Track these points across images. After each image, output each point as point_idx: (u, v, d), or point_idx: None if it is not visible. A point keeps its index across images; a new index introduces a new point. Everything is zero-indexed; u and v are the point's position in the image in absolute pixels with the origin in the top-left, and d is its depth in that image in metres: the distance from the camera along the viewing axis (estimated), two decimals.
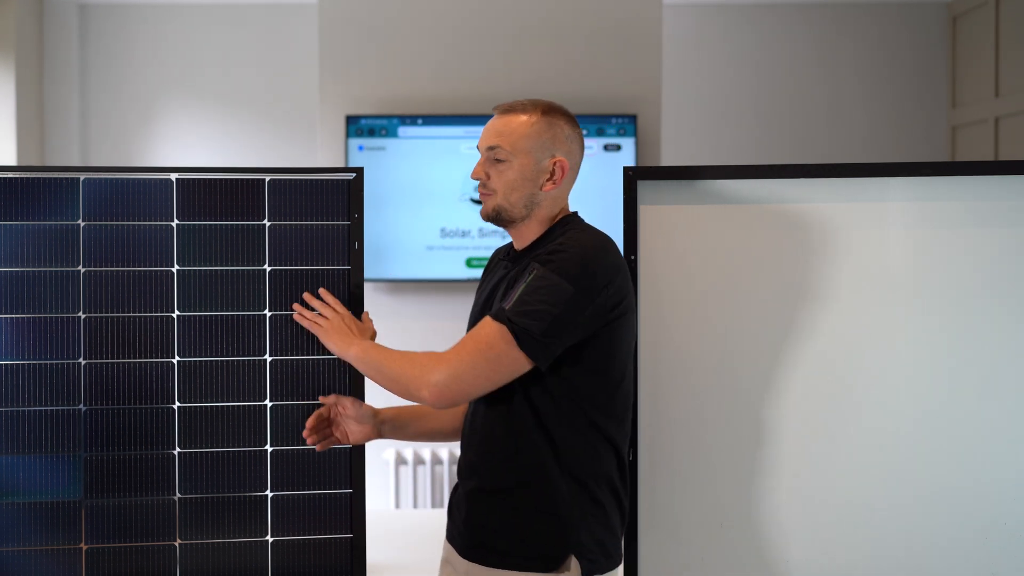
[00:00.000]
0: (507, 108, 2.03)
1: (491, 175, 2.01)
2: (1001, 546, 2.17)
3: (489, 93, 4.69)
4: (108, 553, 2.11)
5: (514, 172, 1.99)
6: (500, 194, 2.00)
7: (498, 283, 2.05)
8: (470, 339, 1.90)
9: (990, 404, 2.17)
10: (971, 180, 2.19)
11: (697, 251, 2.21)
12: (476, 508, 1.99)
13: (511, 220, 2.02)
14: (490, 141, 2.01)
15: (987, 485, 2.17)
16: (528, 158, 1.99)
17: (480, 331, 1.89)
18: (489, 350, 1.87)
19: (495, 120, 2.03)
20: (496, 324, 1.88)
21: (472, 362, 1.87)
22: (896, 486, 2.18)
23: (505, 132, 2.00)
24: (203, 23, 5.53)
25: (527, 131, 1.99)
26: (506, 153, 1.99)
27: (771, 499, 2.20)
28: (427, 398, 1.89)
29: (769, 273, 2.20)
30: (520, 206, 2.00)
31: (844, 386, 2.20)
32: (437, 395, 1.88)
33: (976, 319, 2.17)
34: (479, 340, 1.88)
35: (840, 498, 2.19)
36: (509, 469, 1.96)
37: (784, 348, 2.20)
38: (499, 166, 2.00)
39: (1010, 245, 2.17)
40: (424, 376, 1.88)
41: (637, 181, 2.20)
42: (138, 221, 2.13)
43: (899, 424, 2.18)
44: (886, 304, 2.19)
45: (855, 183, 2.20)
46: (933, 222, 2.19)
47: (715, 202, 2.22)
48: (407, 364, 1.92)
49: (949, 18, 5.47)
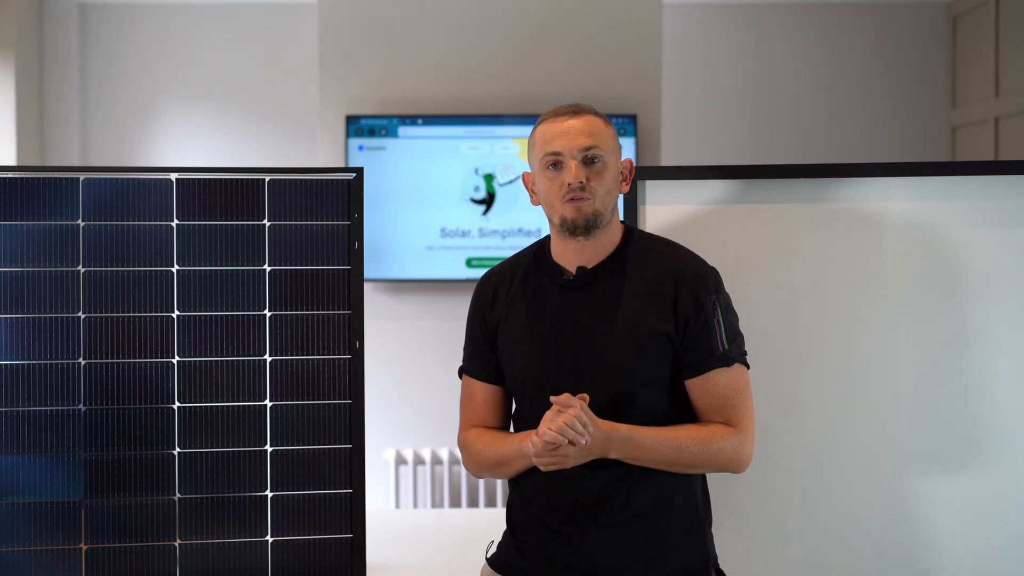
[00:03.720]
0: (576, 109, 1.92)
1: (590, 178, 1.89)
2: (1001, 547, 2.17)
3: (489, 93, 4.69)
4: (108, 553, 2.11)
5: (611, 174, 1.91)
6: (599, 197, 1.89)
7: (580, 306, 1.92)
8: (739, 398, 1.92)
9: (991, 404, 2.17)
10: (971, 180, 2.19)
11: (697, 251, 2.20)
12: (617, 540, 1.90)
13: (602, 224, 1.91)
14: (585, 141, 1.88)
15: (987, 486, 2.17)
16: (615, 159, 1.93)
17: (739, 385, 1.92)
18: (748, 390, 1.95)
19: (576, 121, 1.90)
20: (735, 368, 1.92)
21: (752, 410, 1.95)
22: (896, 486, 2.18)
23: (596, 132, 1.90)
24: (203, 23, 5.53)
25: (609, 132, 1.92)
26: (602, 152, 1.89)
27: (772, 499, 2.20)
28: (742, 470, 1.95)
29: (769, 273, 2.20)
30: (610, 209, 1.92)
31: (844, 385, 2.20)
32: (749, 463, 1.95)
33: (976, 319, 2.17)
34: (742, 392, 1.93)
35: (840, 497, 2.19)
36: (655, 493, 1.91)
37: (784, 347, 2.20)
38: (595, 167, 1.89)
39: (1010, 245, 2.17)
40: (744, 456, 1.92)
41: (637, 181, 2.20)
42: (138, 221, 2.13)
43: (899, 424, 2.18)
44: (886, 304, 2.19)
45: (855, 183, 2.20)
46: (933, 222, 2.19)
47: (715, 202, 2.22)
48: (717, 455, 1.89)
49: (949, 18, 5.47)
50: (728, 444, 1.89)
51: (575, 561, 1.91)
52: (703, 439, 1.88)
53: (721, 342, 1.90)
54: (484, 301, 2.02)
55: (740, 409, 1.91)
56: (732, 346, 1.91)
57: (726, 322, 1.91)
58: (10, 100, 5.16)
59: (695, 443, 1.87)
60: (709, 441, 1.88)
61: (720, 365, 1.90)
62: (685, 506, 1.92)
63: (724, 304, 1.92)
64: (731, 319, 1.93)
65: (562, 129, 1.90)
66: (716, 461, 1.89)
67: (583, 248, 1.93)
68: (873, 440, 2.19)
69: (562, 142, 1.89)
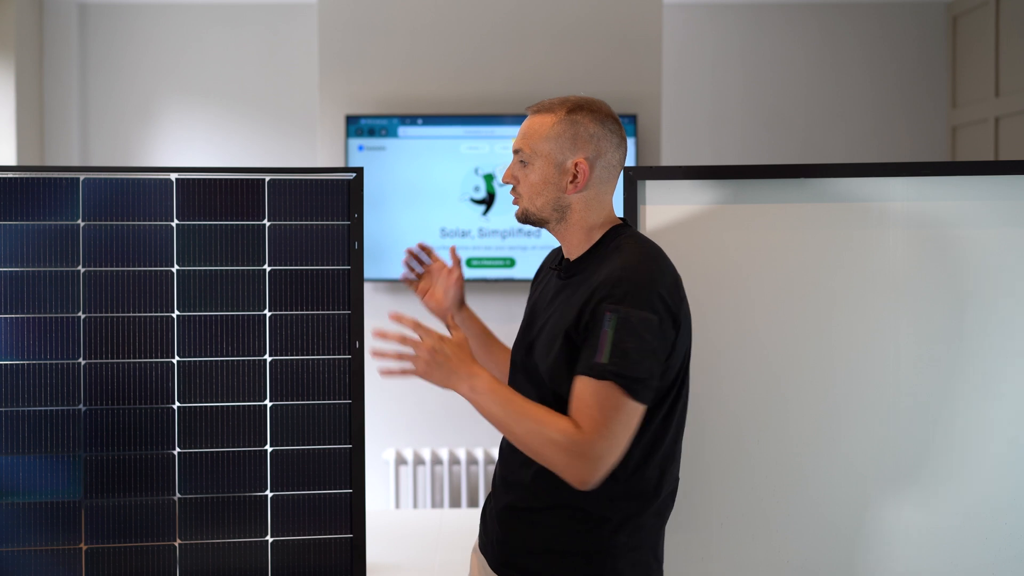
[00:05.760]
0: (537, 108, 1.95)
1: (519, 178, 1.94)
2: (1001, 547, 2.17)
3: (489, 93, 4.69)
4: (108, 553, 2.10)
5: (536, 175, 1.92)
6: (526, 198, 1.94)
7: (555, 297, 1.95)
8: (593, 410, 1.77)
9: (992, 404, 2.17)
10: (971, 180, 2.19)
11: (697, 251, 2.21)
12: (511, 525, 1.93)
13: (543, 222, 1.95)
14: (515, 143, 1.95)
15: (989, 486, 2.17)
16: (548, 161, 1.91)
17: (595, 398, 1.77)
18: (616, 413, 1.76)
19: (525, 121, 1.96)
20: (603, 384, 1.77)
21: (611, 434, 1.76)
22: (896, 487, 2.18)
23: (528, 134, 1.93)
24: (203, 23, 5.53)
25: (547, 132, 1.91)
26: (527, 156, 1.93)
27: (772, 499, 2.20)
28: (577, 485, 1.79)
29: (769, 273, 2.20)
30: (548, 209, 1.93)
31: (844, 385, 2.20)
32: (587, 484, 1.78)
33: (976, 319, 2.17)
34: (602, 407, 1.76)
35: (841, 497, 2.19)
36: (549, 489, 1.87)
37: (785, 347, 2.20)
38: (524, 169, 1.94)
39: (1010, 245, 2.17)
40: (572, 470, 1.76)
41: (637, 181, 2.20)
42: (138, 221, 2.13)
43: (899, 424, 2.18)
44: (886, 304, 2.19)
45: (855, 183, 2.20)
46: (933, 222, 2.19)
47: (715, 202, 2.22)
48: (547, 446, 1.78)
49: (949, 18, 5.47)
50: (563, 439, 1.76)
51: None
52: (544, 420, 1.79)
53: (600, 353, 1.77)
54: (536, 274, 2.12)
55: (590, 420, 1.76)
56: (611, 362, 1.76)
57: (616, 337, 1.77)
58: (10, 100, 5.16)
59: (535, 420, 1.79)
60: (547, 424, 1.79)
61: (587, 374, 1.78)
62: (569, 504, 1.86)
63: (623, 319, 1.77)
64: (627, 338, 1.77)
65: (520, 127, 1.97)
66: (545, 450, 1.78)
67: (560, 240, 1.98)
68: (872, 440, 2.19)
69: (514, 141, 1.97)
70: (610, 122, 1.93)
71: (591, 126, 1.91)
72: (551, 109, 1.92)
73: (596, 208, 1.94)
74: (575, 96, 1.95)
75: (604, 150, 1.92)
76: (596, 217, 1.94)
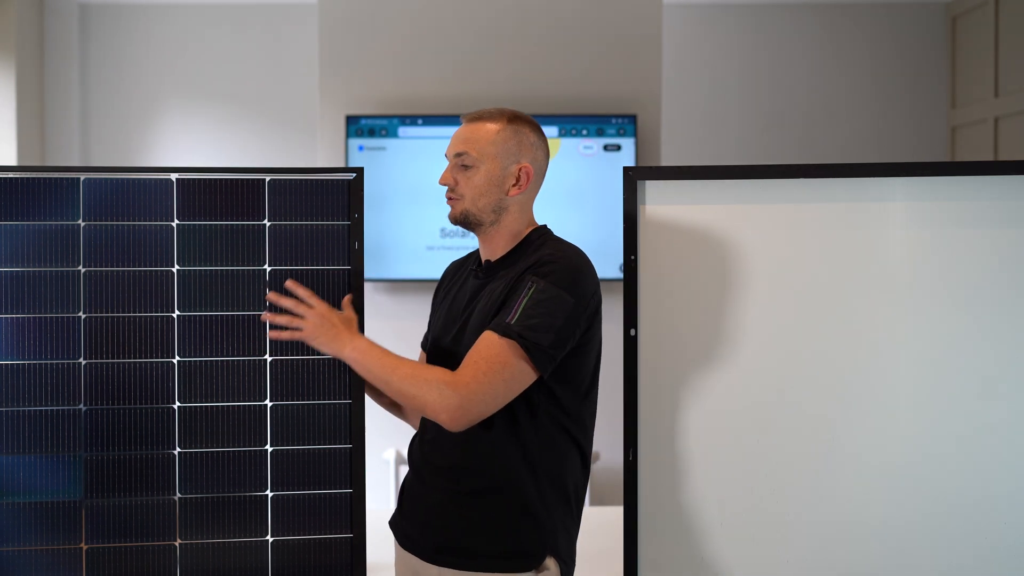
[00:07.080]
0: (475, 116, 2.09)
1: (459, 181, 2.07)
2: (1001, 546, 2.17)
3: (489, 93, 4.69)
4: (108, 553, 2.11)
5: (481, 177, 2.05)
6: (468, 199, 2.06)
7: (476, 295, 2.08)
8: (481, 359, 1.90)
9: (991, 404, 2.17)
10: (971, 180, 2.19)
11: (697, 251, 2.21)
12: (450, 511, 2.03)
13: (479, 224, 2.08)
14: (458, 148, 2.07)
15: (989, 486, 2.17)
16: (495, 164, 2.05)
17: (490, 349, 1.91)
18: (504, 369, 1.89)
19: (463, 128, 2.09)
20: (504, 340, 1.90)
21: (489, 383, 1.89)
22: (897, 487, 2.18)
23: (472, 139, 2.06)
24: (203, 23, 5.53)
25: (493, 138, 2.06)
26: (473, 159, 2.05)
27: (772, 499, 2.20)
28: (445, 422, 1.91)
29: (769, 273, 2.20)
30: (488, 211, 2.06)
31: (845, 386, 2.20)
32: (456, 420, 1.90)
33: (977, 319, 2.18)
34: (492, 359, 1.89)
35: (841, 497, 2.19)
36: (486, 472, 2.00)
37: (785, 348, 2.20)
38: (467, 172, 2.06)
39: (1010, 245, 2.18)
40: (443, 401, 1.89)
41: (637, 181, 2.21)
42: (138, 221, 2.13)
43: (899, 424, 2.19)
44: (886, 304, 2.19)
45: (855, 183, 2.20)
46: (933, 222, 2.19)
47: (715, 202, 2.22)
48: (421, 385, 1.92)
49: (949, 18, 5.47)
50: (437, 377, 1.90)
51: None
52: (421, 366, 1.96)
53: (512, 315, 1.91)
54: (441, 281, 2.27)
55: (473, 365, 1.90)
56: (519, 323, 1.89)
57: (530, 303, 1.90)
58: (10, 100, 5.16)
59: (411, 366, 1.95)
60: (425, 368, 1.94)
61: (493, 330, 1.92)
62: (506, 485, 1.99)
63: (541, 290, 1.91)
64: (542, 307, 1.90)
65: (454, 135, 2.10)
66: (419, 389, 1.90)
67: (484, 243, 2.11)
68: (874, 440, 2.19)
69: (449, 147, 2.10)
70: (542, 134, 2.12)
71: (531, 135, 2.09)
72: (492, 118, 2.08)
73: (527, 211, 2.11)
74: (507, 108, 2.12)
75: (539, 158, 2.10)
76: (525, 220, 2.10)
